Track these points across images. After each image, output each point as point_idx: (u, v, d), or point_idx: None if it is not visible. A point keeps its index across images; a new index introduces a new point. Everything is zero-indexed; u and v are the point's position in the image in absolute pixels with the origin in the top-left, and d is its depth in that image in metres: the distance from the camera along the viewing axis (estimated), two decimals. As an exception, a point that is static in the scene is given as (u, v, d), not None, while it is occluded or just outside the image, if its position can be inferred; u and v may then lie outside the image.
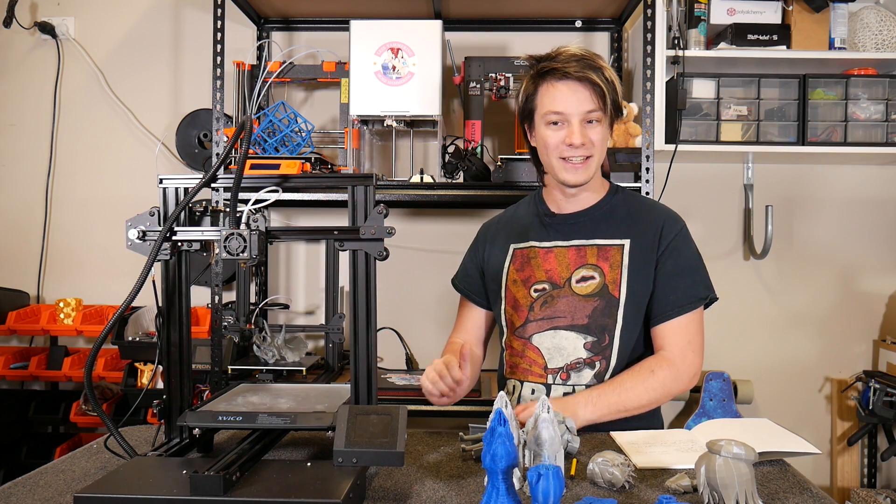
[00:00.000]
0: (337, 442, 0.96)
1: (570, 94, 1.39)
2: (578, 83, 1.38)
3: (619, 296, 1.43)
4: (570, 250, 1.48)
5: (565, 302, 1.45)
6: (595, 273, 1.45)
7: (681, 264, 1.45)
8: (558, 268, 1.47)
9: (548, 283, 1.47)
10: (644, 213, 1.50)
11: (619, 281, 1.43)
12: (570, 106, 1.39)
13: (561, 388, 1.44)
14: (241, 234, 1.03)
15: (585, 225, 1.50)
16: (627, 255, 1.45)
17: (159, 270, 1.12)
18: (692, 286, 1.45)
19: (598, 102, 1.39)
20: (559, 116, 1.40)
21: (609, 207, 1.51)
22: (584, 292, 1.44)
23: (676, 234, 1.46)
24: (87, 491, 0.90)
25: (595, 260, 1.46)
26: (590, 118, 1.40)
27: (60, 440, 2.55)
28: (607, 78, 1.40)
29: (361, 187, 1.08)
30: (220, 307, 2.22)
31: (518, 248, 1.54)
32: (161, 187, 1.12)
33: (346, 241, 1.08)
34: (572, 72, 1.37)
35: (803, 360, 2.68)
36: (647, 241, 1.45)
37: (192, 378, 1.17)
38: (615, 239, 1.47)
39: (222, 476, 0.89)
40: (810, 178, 2.66)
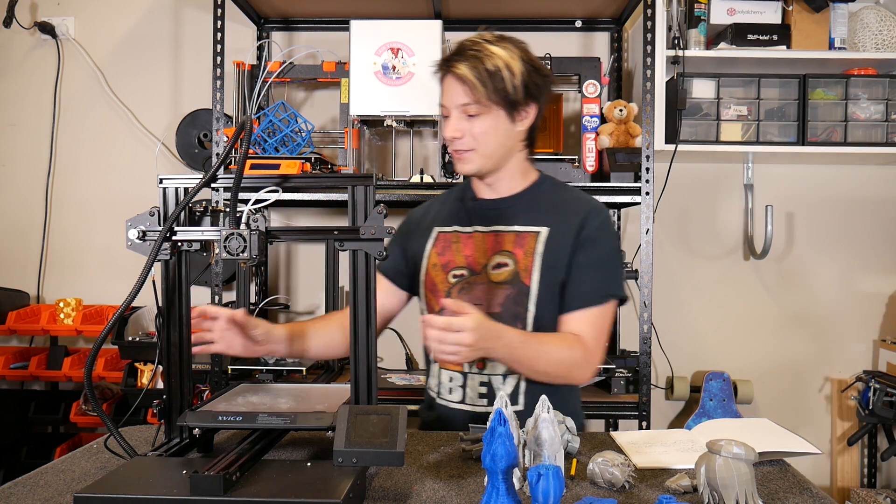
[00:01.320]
0: (337, 442, 0.96)
1: (449, 88, 1.40)
2: (454, 77, 1.38)
3: (529, 283, 1.40)
4: (488, 236, 1.46)
5: (481, 289, 1.43)
6: (509, 260, 1.43)
7: (596, 257, 1.41)
8: (476, 253, 1.46)
9: (466, 269, 1.45)
10: (568, 203, 1.47)
11: (531, 269, 1.41)
12: (448, 100, 1.41)
13: (477, 377, 1.43)
14: (241, 234, 1.03)
15: (507, 212, 1.47)
16: (543, 242, 1.42)
17: (159, 270, 1.12)
18: (602, 281, 1.41)
19: (473, 96, 1.36)
20: (445, 110, 1.43)
21: (532, 195, 1.49)
22: (498, 279, 1.43)
23: (598, 225, 1.43)
24: (87, 491, 0.90)
25: (511, 247, 1.44)
26: (468, 111, 1.38)
27: (60, 440, 2.55)
28: (489, 68, 1.35)
29: (361, 187, 1.08)
30: (220, 307, 2.22)
31: (442, 231, 1.52)
32: (161, 187, 1.11)
33: (346, 242, 1.07)
34: (449, 67, 1.39)
35: (803, 360, 2.68)
36: (567, 230, 1.42)
37: (192, 378, 1.16)
38: (533, 226, 1.44)
39: (222, 476, 0.89)
40: (810, 178, 2.66)
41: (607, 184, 2.21)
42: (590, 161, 2.30)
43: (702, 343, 2.68)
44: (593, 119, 2.31)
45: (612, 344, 2.56)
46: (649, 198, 2.17)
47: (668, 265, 2.66)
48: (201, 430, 1.11)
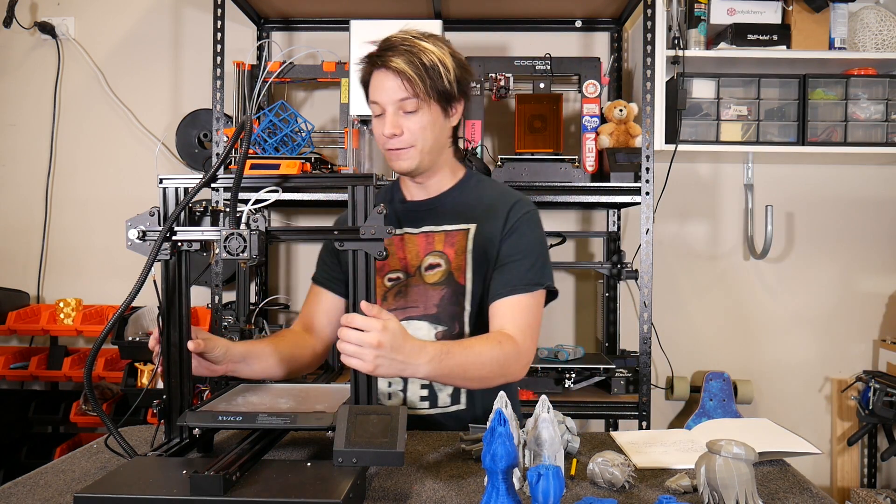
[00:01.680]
0: (337, 442, 0.96)
1: (383, 83, 1.35)
2: (389, 72, 1.34)
3: (464, 282, 1.40)
4: (419, 237, 1.45)
5: (416, 291, 1.42)
6: (441, 260, 1.42)
7: (520, 246, 1.39)
8: (408, 256, 1.44)
9: (402, 272, 1.44)
10: (493, 198, 1.45)
11: (464, 267, 1.40)
12: (383, 96, 1.36)
13: (417, 381, 1.41)
14: (241, 235, 1.03)
15: (435, 212, 1.46)
16: (472, 240, 1.41)
17: (159, 270, 1.12)
18: (528, 269, 1.37)
19: (411, 90, 1.34)
20: (378, 107, 1.38)
21: (458, 193, 1.48)
22: (432, 280, 1.42)
23: (521, 217, 1.41)
24: (86, 491, 0.90)
25: (441, 246, 1.43)
26: (406, 107, 1.35)
27: (60, 440, 2.55)
28: (425, 63, 1.34)
29: (361, 187, 1.08)
30: (220, 307, 2.22)
31: None
32: (161, 187, 1.11)
33: (346, 241, 1.07)
34: (383, 61, 1.34)
35: (803, 360, 2.68)
36: (493, 226, 1.41)
37: (191, 378, 1.16)
38: (461, 224, 1.43)
39: (222, 476, 0.89)
40: (810, 178, 2.66)
41: (607, 184, 2.21)
42: (590, 161, 2.30)
43: (702, 343, 2.68)
44: (593, 119, 2.31)
45: (611, 344, 2.56)
46: (649, 198, 2.17)
47: (668, 265, 2.66)
48: (201, 431, 1.11)
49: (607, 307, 2.57)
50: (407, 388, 1.43)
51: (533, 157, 2.28)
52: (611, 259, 2.52)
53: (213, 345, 1.22)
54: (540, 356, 2.30)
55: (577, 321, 2.70)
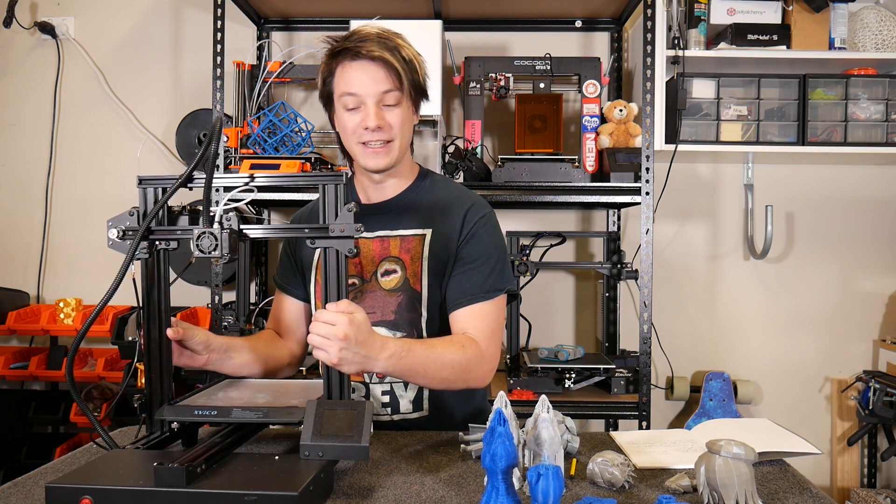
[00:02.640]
0: (304, 435, 0.99)
1: (364, 74, 1.31)
2: (371, 62, 1.30)
3: (420, 289, 1.37)
4: (374, 242, 1.41)
5: (372, 297, 1.39)
6: (397, 266, 1.39)
7: (478, 252, 1.37)
8: (364, 261, 1.41)
9: (357, 278, 1.41)
10: (449, 202, 1.42)
11: (420, 274, 1.37)
12: (364, 87, 1.31)
13: (379, 387, 1.39)
14: (212, 233, 1.05)
15: (389, 215, 1.43)
16: (428, 246, 1.38)
17: (139, 269, 1.15)
18: (487, 275, 1.35)
19: (395, 82, 1.32)
20: (355, 99, 1.33)
21: (414, 195, 1.44)
22: (389, 287, 1.38)
23: (478, 221, 1.38)
24: (58, 482, 0.93)
25: (397, 252, 1.40)
26: (386, 100, 1.32)
27: (60, 440, 2.55)
28: (404, 57, 1.33)
29: (332, 185, 1.09)
30: (220, 307, 2.22)
31: None
32: (140, 188, 1.14)
33: (317, 239, 1.09)
34: (364, 52, 1.30)
35: (803, 360, 2.68)
36: (449, 231, 1.38)
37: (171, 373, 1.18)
38: (417, 228, 1.40)
39: (185, 468, 0.91)
40: (810, 178, 2.66)
41: (607, 184, 2.21)
42: (590, 161, 2.30)
43: (702, 343, 2.68)
44: (593, 119, 2.31)
45: (611, 344, 2.56)
46: (649, 198, 2.17)
47: (668, 265, 2.66)
48: (180, 424, 1.13)
49: (607, 307, 2.57)
50: (368, 395, 1.40)
51: (533, 157, 2.28)
52: (611, 259, 2.52)
53: (192, 333, 1.21)
54: (540, 356, 2.30)
55: (577, 321, 2.70)
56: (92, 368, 2.49)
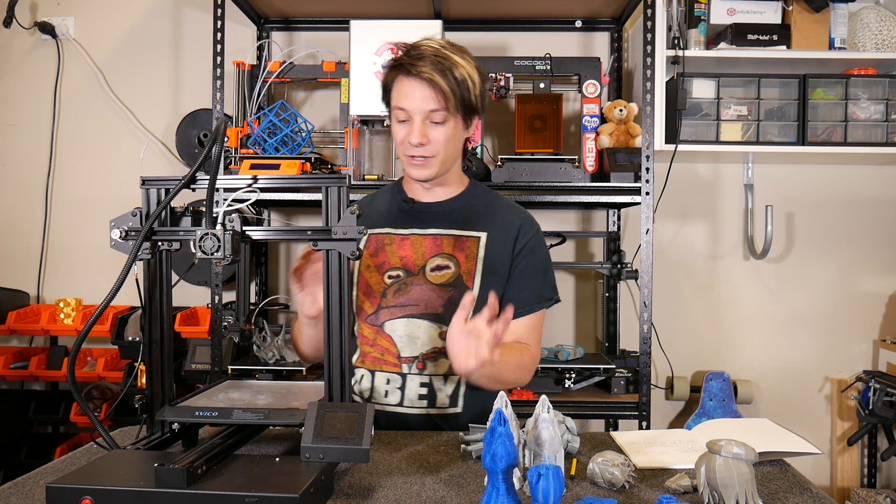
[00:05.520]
0: (304, 438, 0.99)
1: (415, 92, 1.38)
2: (422, 82, 1.37)
3: (472, 286, 1.44)
4: (426, 238, 1.48)
5: (419, 290, 1.44)
6: (450, 263, 1.45)
7: (534, 266, 1.48)
8: (413, 255, 1.47)
9: (402, 270, 1.46)
10: (502, 211, 1.53)
11: (474, 272, 1.45)
12: (412, 104, 1.39)
13: (417, 378, 1.43)
14: (215, 234, 1.05)
15: (443, 215, 1.50)
16: (483, 247, 1.46)
17: (142, 269, 1.15)
18: (542, 287, 1.49)
19: (443, 103, 1.38)
20: (404, 114, 1.40)
21: (467, 201, 1.53)
22: (439, 281, 1.44)
23: (532, 236, 1.50)
24: (59, 482, 0.93)
25: (450, 250, 1.46)
26: (433, 118, 1.39)
27: (60, 440, 2.55)
28: (456, 77, 1.38)
29: (335, 188, 1.09)
30: (220, 307, 2.23)
31: (372, 233, 1.52)
32: (143, 188, 1.14)
33: (319, 241, 1.09)
34: (417, 72, 1.37)
35: (803, 360, 2.68)
36: (503, 238, 1.48)
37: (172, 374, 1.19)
38: (472, 231, 1.48)
39: (186, 469, 0.91)
40: (810, 178, 2.66)
41: (607, 184, 2.21)
42: (590, 161, 2.30)
43: (702, 343, 2.68)
44: (593, 119, 2.31)
45: (612, 344, 2.56)
46: (649, 198, 2.17)
47: (668, 265, 2.66)
48: (180, 425, 1.13)
49: (607, 307, 2.57)
50: (405, 386, 1.43)
51: (533, 157, 2.28)
52: (611, 259, 2.52)
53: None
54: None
55: (577, 321, 2.70)
56: (92, 368, 2.49)
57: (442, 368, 1.43)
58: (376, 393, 1.45)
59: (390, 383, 1.45)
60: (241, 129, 2.27)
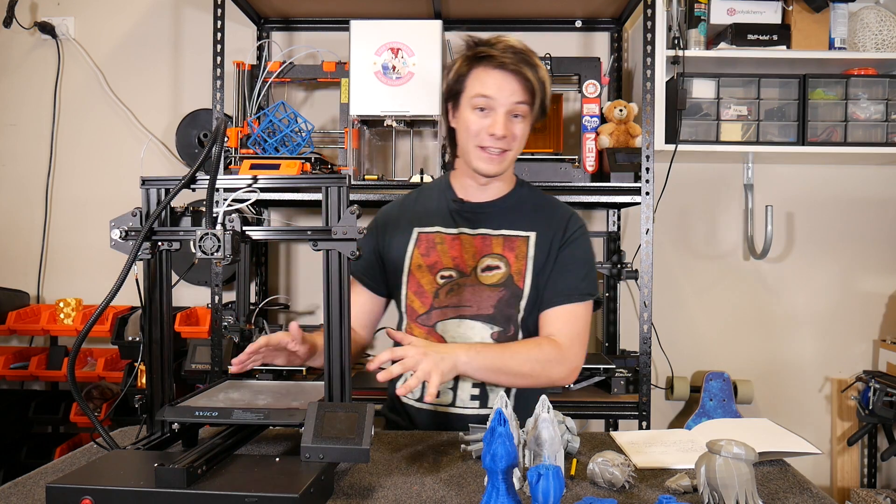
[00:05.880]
0: (304, 437, 1.00)
1: (503, 82, 1.37)
2: (512, 75, 1.37)
3: (523, 287, 1.43)
4: (476, 238, 1.47)
5: (471, 290, 1.44)
6: (500, 263, 1.45)
7: (576, 256, 1.45)
8: (464, 255, 1.46)
9: (454, 271, 1.45)
10: (550, 209, 1.51)
11: (524, 272, 1.44)
12: (500, 93, 1.37)
13: (470, 380, 1.42)
14: (215, 234, 1.06)
15: (493, 214, 1.49)
16: (533, 247, 1.45)
17: (142, 269, 1.15)
18: (582, 279, 1.44)
19: (528, 97, 1.38)
20: (486, 101, 1.38)
21: (516, 199, 1.51)
22: (490, 281, 1.44)
23: (577, 229, 1.48)
24: (59, 482, 0.93)
25: (500, 250, 1.46)
26: (516, 111, 1.39)
27: (60, 440, 2.55)
28: (540, 77, 1.39)
29: (335, 188, 1.09)
30: (220, 307, 2.22)
31: (423, 233, 1.50)
32: (143, 188, 1.14)
33: (319, 241, 1.09)
34: (508, 62, 1.36)
35: (803, 360, 2.68)
36: (551, 235, 1.46)
37: (172, 374, 1.19)
38: (521, 230, 1.47)
39: (186, 469, 0.91)
40: (810, 178, 2.66)
41: (607, 184, 2.21)
42: (590, 161, 2.30)
43: (702, 343, 2.68)
44: (593, 119, 2.31)
45: (612, 344, 2.56)
46: (649, 198, 2.17)
47: (668, 265, 2.66)
48: (180, 425, 1.13)
49: (607, 307, 2.57)
50: (458, 387, 1.43)
51: (533, 156, 2.28)
52: (611, 259, 2.52)
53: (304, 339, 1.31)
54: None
55: (577, 321, 2.70)
56: (92, 368, 2.49)
57: None
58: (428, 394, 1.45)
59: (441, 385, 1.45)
60: (241, 129, 2.27)
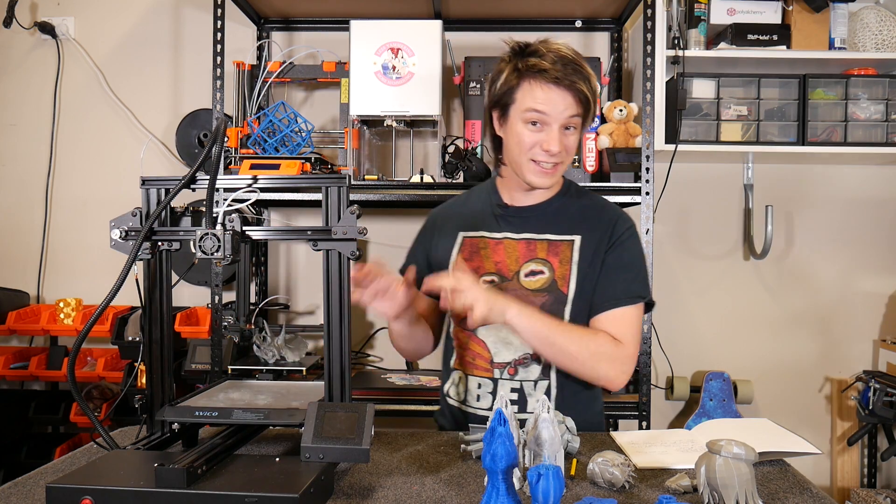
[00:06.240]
0: (305, 437, 1.00)
1: (557, 98, 1.35)
2: (566, 90, 1.35)
3: (567, 292, 1.42)
4: (520, 243, 1.47)
5: (513, 295, 1.42)
6: (544, 268, 1.44)
7: (624, 259, 1.43)
8: (507, 260, 1.46)
9: (496, 276, 1.45)
10: (596, 211, 1.49)
11: (569, 277, 1.42)
12: (554, 109, 1.35)
13: (508, 384, 1.42)
14: (215, 234, 1.06)
15: (537, 219, 1.48)
16: (578, 251, 1.44)
17: (142, 269, 1.15)
18: (631, 282, 1.42)
19: (582, 111, 1.38)
20: (540, 116, 1.36)
21: (562, 203, 1.50)
22: (533, 287, 1.43)
23: (625, 231, 1.46)
24: (59, 482, 0.93)
25: (544, 254, 1.44)
26: (570, 124, 1.38)
27: (60, 440, 2.55)
28: (592, 88, 1.38)
29: (335, 188, 1.09)
30: (220, 307, 2.22)
31: (468, 237, 1.51)
32: (143, 188, 1.15)
33: (319, 241, 1.09)
34: (561, 77, 1.34)
35: (803, 360, 2.68)
36: (597, 239, 1.44)
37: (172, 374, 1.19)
38: (566, 235, 1.46)
39: (186, 469, 0.91)
40: (810, 178, 2.66)
41: (607, 184, 2.21)
42: (590, 161, 2.30)
43: (702, 343, 2.68)
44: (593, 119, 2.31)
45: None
46: (649, 198, 2.17)
47: (668, 265, 2.66)
48: (180, 425, 1.13)
49: (607, 307, 2.57)
50: (497, 391, 1.43)
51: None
52: (611, 259, 2.51)
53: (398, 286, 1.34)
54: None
55: (577, 321, 2.70)
56: (92, 368, 2.49)
57: (533, 374, 1.42)
58: (469, 396, 1.46)
59: (482, 387, 1.45)
60: (241, 129, 2.27)
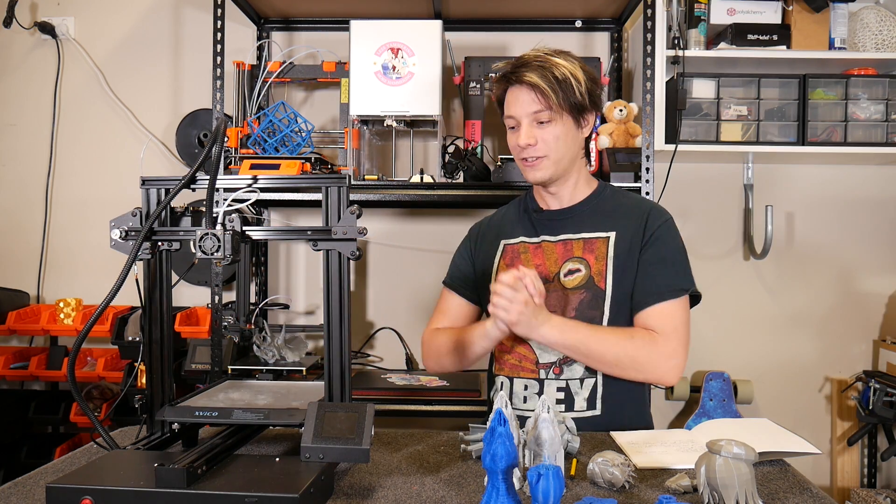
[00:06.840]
0: (304, 437, 1.00)
1: (518, 97, 1.44)
2: (523, 87, 1.42)
3: (605, 287, 1.43)
4: (557, 245, 1.50)
5: (555, 296, 1.46)
6: (581, 265, 1.46)
7: (662, 254, 1.44)
8: (547, 262, 1.49)
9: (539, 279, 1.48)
10: (630, 207, 1.51)
11: (605, 272, 1.44)
12: (517, 109, 1.44)
13: (554, 383, 1.44)
14: (215, 234, 1.06)
15: (573, 220, 1.51)
16: (613, 246, 1.45)
17: (142, 269, 1.15)
18: (673, 276, 1.43)
19: (545, 102, 1.41)
20: (512, 121, 1.46)
21: (596, 203, 1.53)
22: (572, 285, 1.45)
23: (661, 224, 1.47)
24: (59, 482, 0.93)
25: (581, 252, 1.47)
26: (539, 118, 1.43)
27: (60, 440, 2.55)
28: (557, 76, 1.40)
29: (335, 188, 1.09)
30: (220, 307, 2.23)
31: (508, 244, 1.56)
32: (143, 188, 1.15)
33: (319, 241, 1.09)
34: (517, 77, 1.42)
35: (803, 360, 2.68)
36: (632, 232, 1.46)
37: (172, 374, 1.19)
38: (601, 232, 1.48)
39: (186, 469, 0.92)
40: (810, 178, 2.66)
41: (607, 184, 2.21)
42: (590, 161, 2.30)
43: (702, 343, 2.68)
44: (593, 119, 2.31)
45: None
46: (649, 198, 2.17)
47: (668, 265, 2.65)
48: (180, 425, 1.14)
49: (607, 307, 2.57)
50: (543, 390, 1.45)
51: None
52: (611, 259, 2.51)
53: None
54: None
55: (577, 321, 2.70)
56: (92, 368, 2.49)
57: (577, 373, 1.44)
58: (516, 399, 1.47)
59: (528, 389, 1.46)
60: (241, 129, 2.27)
